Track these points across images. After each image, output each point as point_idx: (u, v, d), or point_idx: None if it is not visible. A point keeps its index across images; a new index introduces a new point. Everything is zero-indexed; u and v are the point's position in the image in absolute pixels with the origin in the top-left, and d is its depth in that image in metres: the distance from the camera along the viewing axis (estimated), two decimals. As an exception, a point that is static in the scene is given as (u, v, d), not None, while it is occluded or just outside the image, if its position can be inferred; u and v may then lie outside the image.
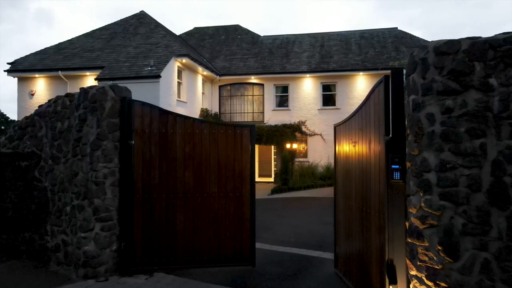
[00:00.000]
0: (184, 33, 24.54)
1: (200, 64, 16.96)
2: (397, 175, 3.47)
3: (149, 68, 14.44)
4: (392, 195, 3.49)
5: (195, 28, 24.99)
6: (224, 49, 21.92)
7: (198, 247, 5.60)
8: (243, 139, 5.84)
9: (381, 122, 3.71)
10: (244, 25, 46.95)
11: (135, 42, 16.79)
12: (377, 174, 3.79)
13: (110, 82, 14.58)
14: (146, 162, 5.46)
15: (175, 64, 15.50)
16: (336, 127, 5.58)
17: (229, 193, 5.77)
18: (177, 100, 15.70)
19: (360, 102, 4.46)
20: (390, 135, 3.58)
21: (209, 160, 5.71)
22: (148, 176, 5.47)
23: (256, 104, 20.09)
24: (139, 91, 14.12)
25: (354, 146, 4.68)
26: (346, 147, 5.06)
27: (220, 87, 20.44)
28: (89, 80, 15.31)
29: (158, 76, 14.00)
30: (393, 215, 3.47)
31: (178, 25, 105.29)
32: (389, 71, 3.79)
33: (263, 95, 19.80)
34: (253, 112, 20.09)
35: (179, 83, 16.33)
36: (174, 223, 5.55)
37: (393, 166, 3.49)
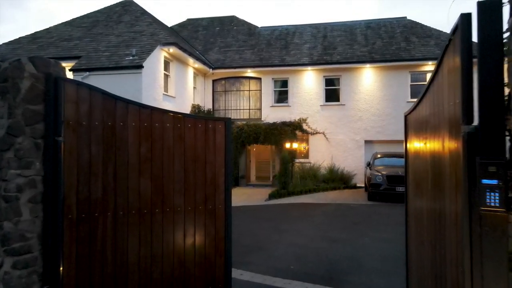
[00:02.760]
0: (176, 24, 22.90)
1: (190, 54, 15.32)
2: (493, 198, 1.83)
3: (131, 58, 12.79)
4: (483, 235, 1.85)
5: (188, 20, 23.35)
6: (218, 41, 20.28)
7: (159, 281, 4.01)
8: (217, 136, 4.28)
9: (457, 101, 2.07)
10: (242, 16, 45.30)
11: (118, 31, 15.15)
12: (453, 193, 2.15)
13: (87, 73, 12.98)
14: (84, 168, 3.81)
15: (161, 54, 13.86)
16: (406, 117, 4.27)
17: (198, 205, 4.26)
18: (163, 94, 14.06)
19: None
20: (475, 124, 1.96)
21: (173, 164, 4.11)
22: (87, 188, 3.83)
23: (253, 100, 18.45)
24: (119, 84, 12.50)
25: (423, 144, 3.10)
26: (416, 146, 3.56)
27: (213, 81, 18.79)
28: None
29: (140, 67, 12.36)
30: (485, 272, 1.83)
31: (174, 19, 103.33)
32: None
33: (261, 90, 18.16)
34: (249, 109, 18.45)
35: (166, 76, 14.69)
36: (125, 251, 3.93)
37: (484, 182, 1.86)
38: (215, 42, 20.16)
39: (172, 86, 15.02)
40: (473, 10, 2.05)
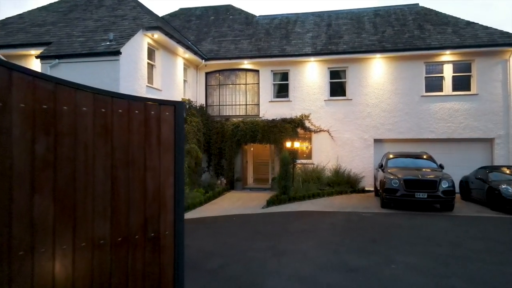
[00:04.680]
0: (168, 14, 21.17)
1: (179, 42, 13.59)
2: None
3: (108, 43, 11.07)
4: None
5: (181, 9, 21.62)
6: (212, 30, 18.55)
7: None
8: (163, 128, 2.70)
9: None
10: (239, 5, 43.32)
11: (97, 15, 13.44)
12: None
13: (56, 61, 11.23)
14: None
15: (144, 40, 12.13)
16: None
17: (134, 234, 2.61)
18: (147, 86, 12.34)
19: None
20: None
21: (92, 171, 2.44)
22: None
23: (250, 95, 16.73)
24: (93, 73, 10.78)
25: None
26: None
27: (207, 74, 17.07)
28: (35, 60, 11.93)
29: (118, 53, 10.64)
30: None
31: (167, 10, 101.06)
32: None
33: (258, 83, 16.44)
34: (246, 104, 16.74)
35: (151, 66, 12.97)
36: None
37: None
38: (209, 32, 18.43)
39: (158, 77, 13.30)
40: None
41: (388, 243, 6.92)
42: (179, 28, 18.91)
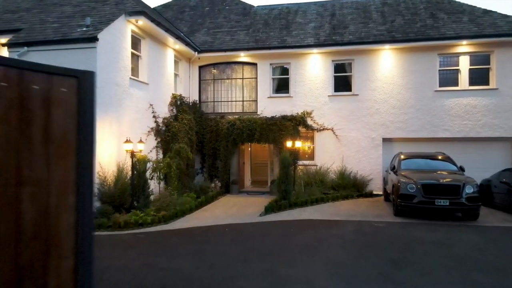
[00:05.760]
0: (160, 5, 19.83)
1: (168, 31, 12.25)
2: None
3: (84, 29, 9.75)
4: None
5: (174, 0, 20.26)
6: (207, 21, 17.22)
7: None
8: (55, 114, 1.44)
9: None
10: None
11: (76, 0, 12.09)
12: None
13: (25, 49, 9.80)
14: None
15: (126, 27, 10.81)
16: None
17: None
18: (131, 78, 11.02)
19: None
20: None
21: None
22: None
23: (247, 90, 15.40)
24: (67, 62, 9.38)
25: None
26: None
27: (200, 68, 15.74)
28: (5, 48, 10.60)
29: (94, 39, 9.31)
30: None
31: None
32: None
33: (256, 78, 15.11)
34: (243, 101, 15.41)
35: (136, 57, 11.65)
36: None
37: None
38: (204, 24, 17.10)
39: (145, 69, 11.97)
40: None
41: (415, 267, 5.59)
42: (172, 19, 17.57)
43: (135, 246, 7.11)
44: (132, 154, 9.57)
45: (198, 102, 15.43)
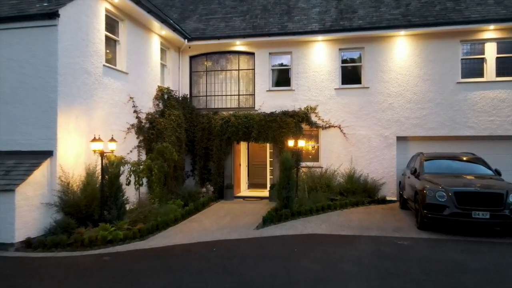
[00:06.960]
0: (150, -8, 18.15)
1: (150, 12, 10.60)
2: None
3: (44, 4, 8.10)
4: None
5: (165, -14, 18.58)
6: (199, 8, 15.56)
7: None
8: None
9: None
10: None
11: (44, -24, 10.42)
12: None
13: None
14: None
15: (99, 4, 9.15)
16: None
17: None
18: (105, 65, 9.35)
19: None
20: None
21: None
22: None
23: (244, 83, 13.75)
24: (23, 43, 7.82)
25: None
26: None
27: (191, 58, 14.08)
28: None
29: (54, 15, 7.66)
30: None
31: None
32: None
33: (254, 69, 13.46)
34: (238, 95, 13.74)
35: (113, 41, 10.00)
36: None
37: None
38: (196, 10, 15.44)
39: (123, 57, 10.32)
40: None
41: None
42: (161, 6, 15.91)
43: (89, 275, 5.46)
44: (102, 155, 7.91)
45: (188, 96, 13.78)
